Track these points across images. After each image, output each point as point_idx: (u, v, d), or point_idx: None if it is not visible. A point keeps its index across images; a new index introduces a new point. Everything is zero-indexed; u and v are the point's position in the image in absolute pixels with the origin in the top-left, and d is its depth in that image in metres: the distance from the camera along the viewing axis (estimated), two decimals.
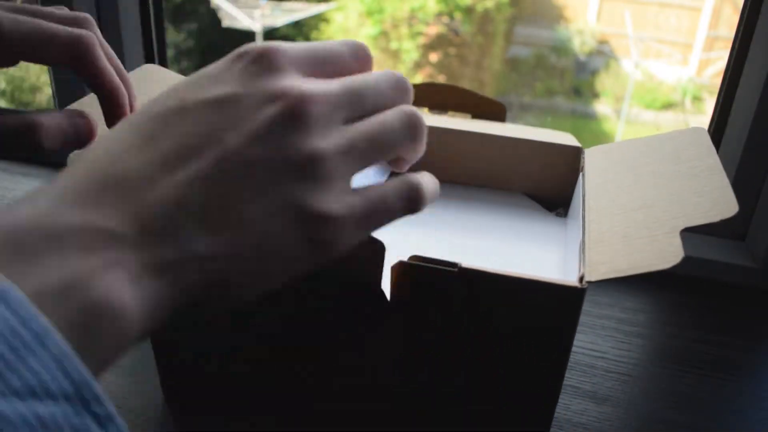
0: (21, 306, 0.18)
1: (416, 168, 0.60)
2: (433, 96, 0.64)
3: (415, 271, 0.34)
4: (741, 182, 0.65)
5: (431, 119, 0.57)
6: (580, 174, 0.49)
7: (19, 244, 0.19)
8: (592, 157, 0.48)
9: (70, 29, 0.31)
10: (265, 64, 0.24)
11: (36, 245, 0.19)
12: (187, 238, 0.22)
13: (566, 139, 0.54)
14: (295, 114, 0.23)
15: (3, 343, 0.17)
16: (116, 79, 0.33)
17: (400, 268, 0.34)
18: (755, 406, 0.49)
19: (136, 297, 0.21)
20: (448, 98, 0.64)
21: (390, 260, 0.33)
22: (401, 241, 0.46)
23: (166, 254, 0.21)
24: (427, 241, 0.48)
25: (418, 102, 0.66)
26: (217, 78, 0.24)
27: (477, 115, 0.64)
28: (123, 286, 0.20)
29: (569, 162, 0.53)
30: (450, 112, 0.65)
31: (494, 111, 0.63)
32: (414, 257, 0.34)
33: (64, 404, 0.18)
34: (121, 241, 0.21)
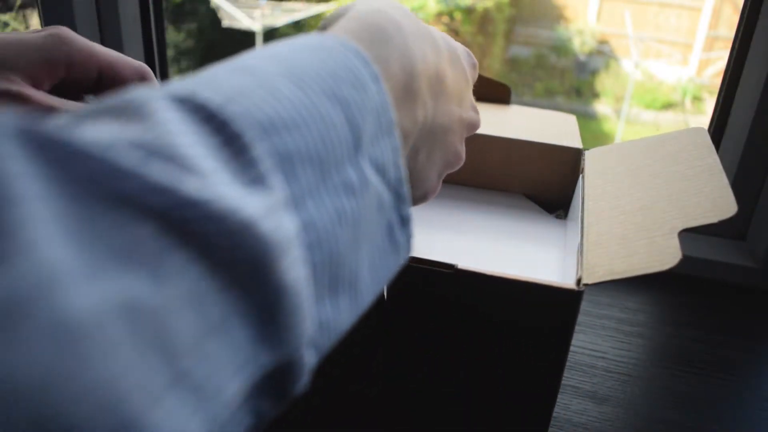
0: (385, 91, 0.21)
1: None
2: None
3: (413, 272, 0.34)
4: (741, 182, 0.65)
5: None
6: (581, 176, 0.49)
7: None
8: (592, 159, 0.48)
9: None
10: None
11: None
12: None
13: (568, 134, 0.54)
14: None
15: (374, 118, 0.20)
16: None
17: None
18: (755, 406, 0.49)
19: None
20: None
21: None
22: None
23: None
24: (425, 242, 0.48)
25: None
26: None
27: (482, 97, 0.64)
28: None
29: (569, 164, 0.52)
30: None
31: (499, 93, 0.63)
32: (411, 258, 0.34)
33: (391, 195, 0.21)
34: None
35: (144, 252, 0.13)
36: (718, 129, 0.68)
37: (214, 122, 0.15)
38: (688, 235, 0.67)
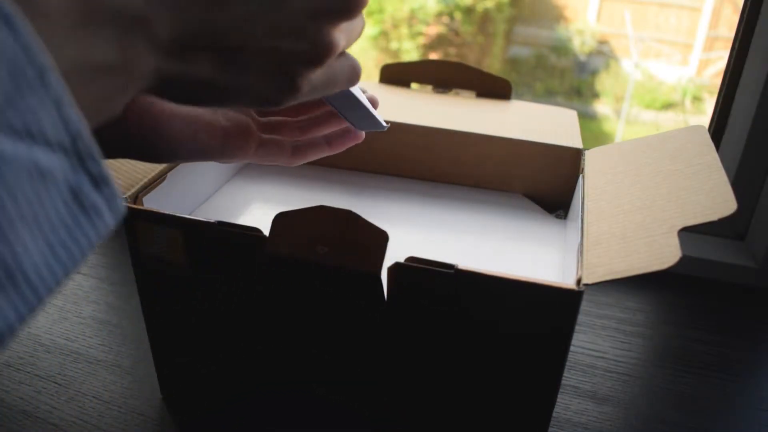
0: (27, 36, 0.16)
1: (416, 167, 0.60)
2: (437, 73, 0.64)
3: (412, 272, 0.34)
4: (741, 182, 0.65)
5: (433, 106, 0.57)
6: (581, 176, 0.49)
7: None
8: (592, 159, 0.48)
9: None
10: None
11: None
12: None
13: (568, 133, 0.54)
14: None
15: (8, 78, 0.16)
16: None
17: (396, 270, 0.34)
18: (755, 406, 0.49)
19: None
20: (453, 75, 0.64)
21: (387, 261, 0.33)
22: (398, 242, 0.46)
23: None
24: (424, 242, 0.48)
25: (422, 79, 0.66)
26: None
27: (482, 92, 0.64)
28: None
29: (570, 163, 0.52)
30: (454, 90, 0.64)
31: (499, 88, 0.63)
32: (411, 258, 0.34)
33: (61, 157, 0.17)
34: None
35: None
36: (718, 129, 0.68)
37: None
38: (688, 235, 0.67)
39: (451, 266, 0.33)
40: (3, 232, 0.16)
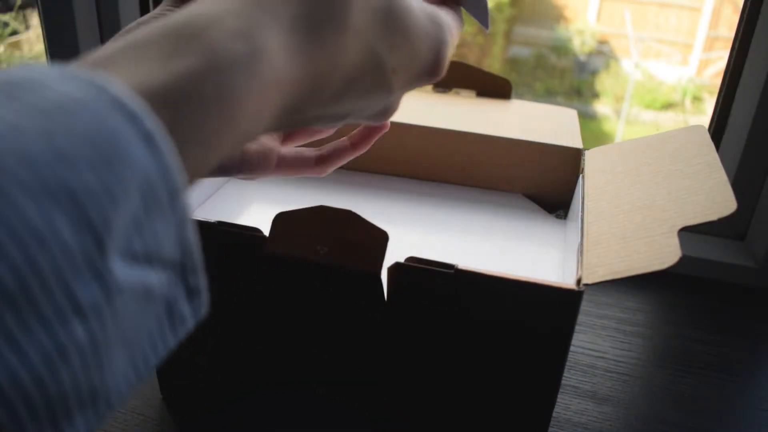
0: (164, 154, 0.16)
1: (416, 167, 0.60)
2: None
3: (412, 272, 0.34)
4: (741, 182, 0.65)
5: (433, 106, 0.57)
6: (581, 176, 0.49)
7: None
8: (592, 159, 0.48)
9: None
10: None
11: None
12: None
13: (568, 133, 0.54)
14: None
15: (138, 199, 0.15)
16: None
17: (396, 270, 0.34)
18: (755, 406, 0.49)
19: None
20: (453, 74, 0.64)
21: (387, 262, 0.33)
22: (398, 242, 0.46)
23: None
24: (424, 242, 0.48)
25: None
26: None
27: (482, 91, 0.64)
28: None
29: (570, 164, 0.52)
30: (454, 90, 0.64)
31: (499, 88, 0.63)
32: (411, 258, 0.34)
33: (169, 273, 0.17)
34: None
35: None
36: (718, 129, 0.68)
37: None
38: (688, 235, 0.67)
39: (451, 266, 0.33)
40: (99, 358, 0.15)
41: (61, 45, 0.76)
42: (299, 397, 0.42)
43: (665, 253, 0.31)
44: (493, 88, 0.63)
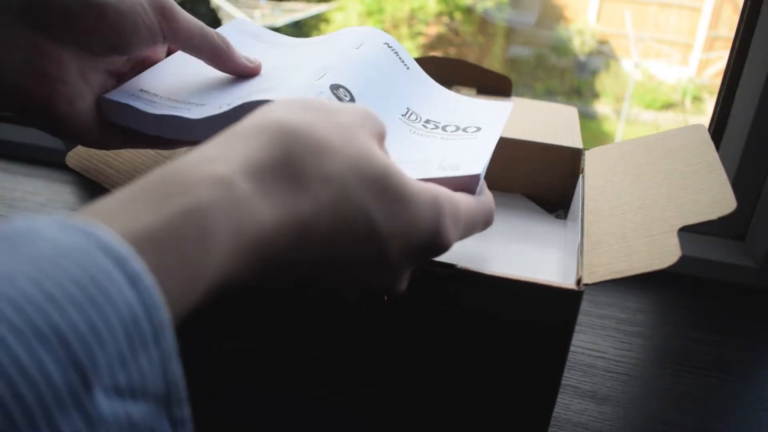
0: (149, 293, 0.17)
1: None
2: (437, 70, 0.64)
3: None
4: (741, 182, 0.65)
5: None
6: (581, 176, 0.49)
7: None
8: (592, 159, 0.48)
9: None
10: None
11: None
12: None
13: (568, 132, 0.54)
14: None
15: (124, 336, 0.16)
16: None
17: None
18: (755, 406, 0.49)
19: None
20: (454, 72, 0.64)
21: None
22: None
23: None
24: None
25: None
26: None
27: (483, 89, 0.64)
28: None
29: (570, 163, 0.52)
30: (455, 87, 0.64)
31: (500, 85, 0.63)
32: None
33: (152, 405, 0.17)
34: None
35: None
36: (718, 129, 0.68)
37: None
38: (688, 235, 0.67)
39: (451, 266, 0.33)
40: None
41: None
42: (300, 398, 0.42)
43: (665, 253, 0.31)
44: (494, 85, 0.63)
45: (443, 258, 0.34)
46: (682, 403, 0.49)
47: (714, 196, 0.34)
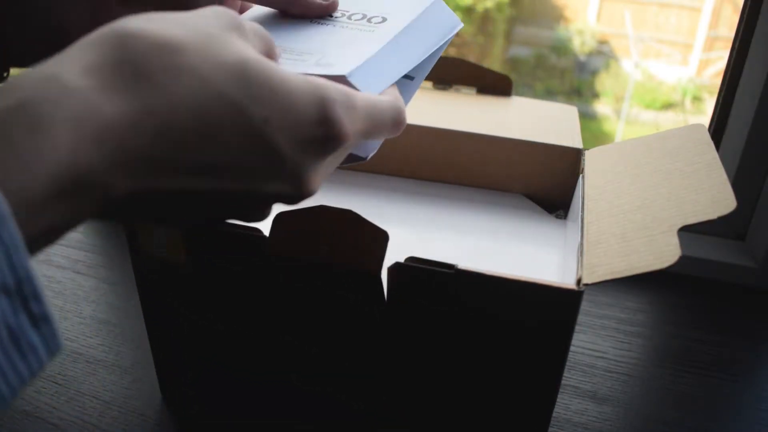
0: None
1: (417, 167, 0.60)
2: (437, 69, 0.64)
3: (412, 272, 0.34)
4: (741, 182, 0.65)
5: (433, 104, 0.57)
6: (581, 176, 0.49)
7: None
8: (592, 159, 0.48)
9: None
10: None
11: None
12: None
13: (568, 132, 0.54)
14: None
15: None
16: None
17: (396, 270, 0.34)
18: (755, 406, 0.49)
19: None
20: (454, 71, 0.64)
21: (387, 262, 0.33)
22: (398, 242, 0.46)
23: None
24: (424, 242, 0.48)
25: None
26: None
27: (482, 88, 0.64)
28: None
29: (569, 163, 0.52)
30: (455, 86, 0.64)
31: (500, 85, 0.63)
32: (411, 258, 0.34)
33: (3, 299, 0.17)
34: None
35: None
36: (718, 129, 0.68)
37: None
38: (688, 235, 0.67)
39: (451, 266, 0.33)
40: None
41: None
42: (300, 397, 0.42)
43: (665, 253, 0.31)
44: (494, 85, 0.63)
45: (443, 258, 0.34)
46: (682, 403, 0.49)
47: (714, 196, 0.34)
